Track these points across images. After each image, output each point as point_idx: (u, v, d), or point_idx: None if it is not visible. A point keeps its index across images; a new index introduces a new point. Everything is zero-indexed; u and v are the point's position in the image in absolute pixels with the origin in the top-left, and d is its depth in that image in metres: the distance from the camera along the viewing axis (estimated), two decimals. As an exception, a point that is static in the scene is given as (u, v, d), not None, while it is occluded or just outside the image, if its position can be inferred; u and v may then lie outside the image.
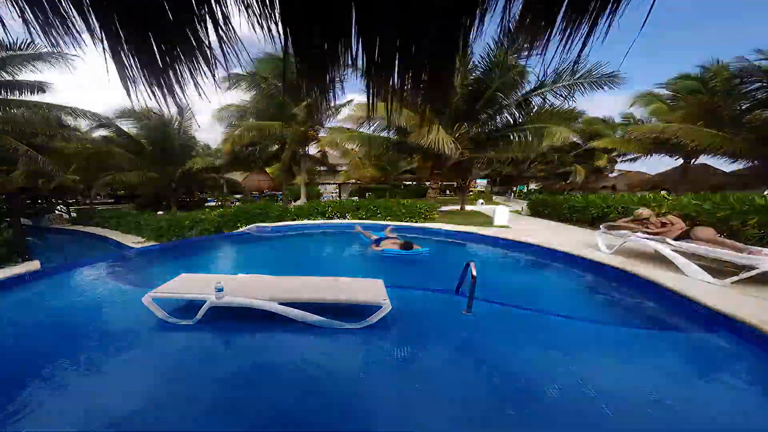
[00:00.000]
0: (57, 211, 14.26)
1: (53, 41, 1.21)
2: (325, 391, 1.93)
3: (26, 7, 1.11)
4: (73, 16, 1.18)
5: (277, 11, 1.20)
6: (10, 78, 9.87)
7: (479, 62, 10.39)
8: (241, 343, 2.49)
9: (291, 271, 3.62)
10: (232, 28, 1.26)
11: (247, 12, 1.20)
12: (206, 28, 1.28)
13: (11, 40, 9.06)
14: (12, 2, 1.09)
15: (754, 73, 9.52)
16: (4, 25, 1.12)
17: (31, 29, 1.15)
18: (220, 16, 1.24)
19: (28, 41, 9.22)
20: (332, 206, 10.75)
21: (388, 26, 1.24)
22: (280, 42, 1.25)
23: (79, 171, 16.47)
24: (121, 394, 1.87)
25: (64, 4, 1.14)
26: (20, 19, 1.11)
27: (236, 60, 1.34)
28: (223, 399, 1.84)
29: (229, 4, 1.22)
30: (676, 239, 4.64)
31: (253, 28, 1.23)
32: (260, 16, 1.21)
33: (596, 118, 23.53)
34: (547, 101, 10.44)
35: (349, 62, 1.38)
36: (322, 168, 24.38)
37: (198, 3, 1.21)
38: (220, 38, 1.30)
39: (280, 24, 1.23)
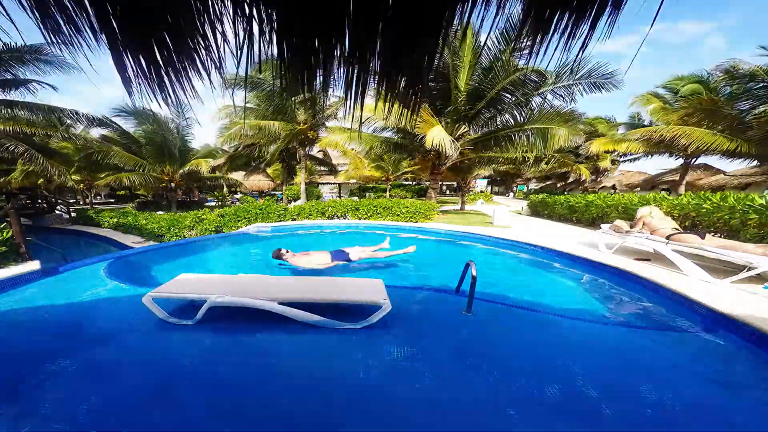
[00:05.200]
0: (57, 211, 14.24)
1: (54, 40, 1.21)
2: (325, 391, 1.93)
3: (27, 4, 1.11)
4: (75, 14, 1.18)
5: (269, 10, 1.20)
6: (11, 77, 9.89)
7: (480, 62, 10.38)
8: (241, 343, 2.49)
9: (291, 271, 3.63)
10: (232, 28, 1.26)
11: (244, 11, 1.20)
12: (206, 29, 1.28)
13: (10, 39, 9.07)
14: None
15: (756, 73, 9.52)
16: (10, 18, 1.12)
17: (36, 29, 1.15)
18: (220, 17, 1.24)
19: (28, 42, 9.25)
20: (332, 206, 10.75)
21: (379, 22, 1.24)
22: (274, 42, 1.26)
23: (80, 171, 16.50)
24: (120, 394, 1.87)
25: (65, 2, 1.14)
26: (20, 16, 1.11)
27: (235, 61, 1.34)
28: (223, 399, 1.84)
29: (227, 4, 1.22)
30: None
31: (246, 26, 1.23)
32: (255, 15, 1.22)
33: (598, 118, 23.56)
34: (548, 101, 10.44)
35: (344, 59, 1.38)
36: (322, 168, 24.43)
37: (197, 4, 1.21)
38: (218, 40, 1.30)
39: (274, 22, 1.23)
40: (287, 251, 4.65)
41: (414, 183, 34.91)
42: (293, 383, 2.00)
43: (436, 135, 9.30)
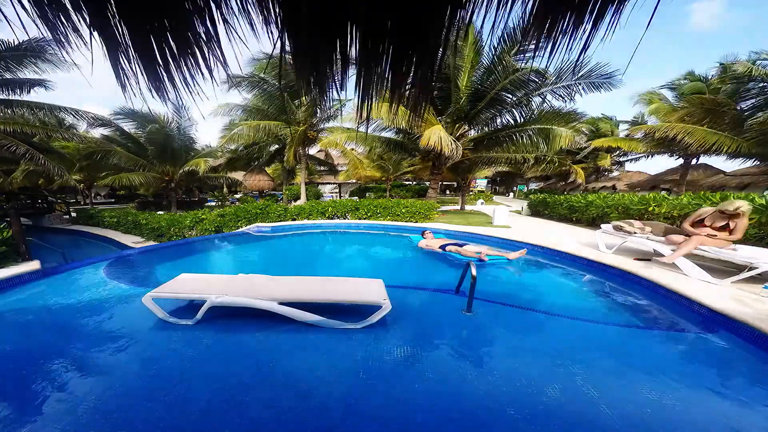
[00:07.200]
0: (57, 210, 14.25)
1: (53, 38, 1.21)
2: (325, 391, 1.93)
3: (26, 4, 1.11)
4: (74, 16, 1.17)
5: (274, 10, 1.20)
6: (12, 76, 9.89)
7: (481, 62, 10.38)
8: (241, 343, 2.49)
9: (291, 271, 3.63)
10: (232, 28, 1.26)
11: (245, 11, 1.20)
12: (206, 29, 1.28)
13: (11, 38, 9.08)
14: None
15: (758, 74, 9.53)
16: (7, 20, 1.12)
17: (34, 26, 1.15)
18: (220, 17, 1.24)
19: (26, 40, 9.24)
20: (332, 206, 10.75)
21: (384, 22, 1.23)
22: (278, 40, 1.25)
23: (80, 171, 16.51)
24: (120, 394, 1.87)
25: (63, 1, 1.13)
26: (19, 16, 1.10)
27: (236, 60, 1.34)
28: (223, 399, 1.84)
29: (228, 3, 1.22)
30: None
31: (251, 26, 1.22)
32: (258, 14, 1.21)
33: (600, 117, 23.56)
34: (547, 102, 10.43)
35: (348, 59, 1.38)
36: (322, 168, 24.43)
37: (197, 3, 1.20)
38: (219, 39, 1.30)
39: (279, 23, 1.23)
40: (429, 232, 6.81)
41: (414, 183, 34.90)
42: (293, 383, 2.00)
43: (435, 135, 9.28)
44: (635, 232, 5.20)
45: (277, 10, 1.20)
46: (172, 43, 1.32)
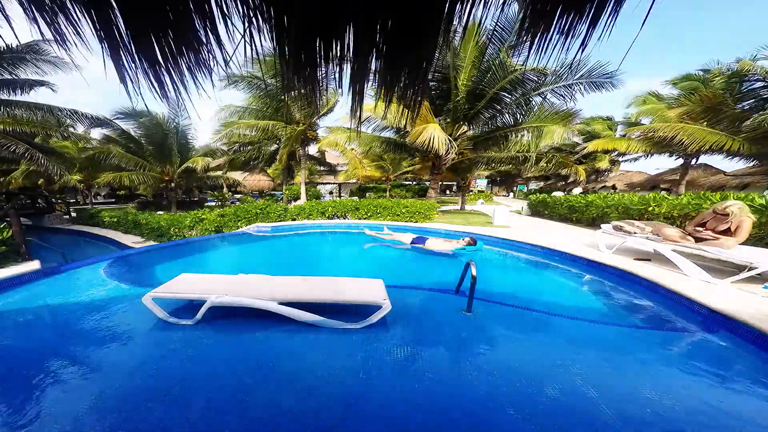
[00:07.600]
0: (57, 210, 14.25)
1: (54, 39, 1.21)
2: (325, 391, 1.93)
3: (28, 4, 1.11)
4: (76, 16, 1.18)
5: (270, 8, 1.20)
6: (11, 77, 9.89)
7: (479, 61, 10.37)
8: (241, 343, 2.49)
9: (291, 271, 3.63)
10: (230, 28, 1.26)
11: (243, 10, 1.20)
12: (205, 29, 1.28)
13: (12, 39, 9.08)
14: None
15: (756, 72, 9.53)
16: (9, 21, 1.12)
17: (35, 27, 1.15)
18: (219, 16, 1.24)
19: (28, 40, 9.24)
20: (332, 206, 10.75)
21: (378, 19, 1.23)
22: (274, 38, 1.26)
23: (80, 171, 16.51)
24: (120, 394, 1.87)
25: (67, 3, 1.14)
26: (21, 16, 1.11)
27: (234, 60, 1.34)
28: (223, 399, 1.84)
29: (227, 3, 1.22)
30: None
31: (248, 25, 1.22)
32: (254, 13, 1.22)
33: (596, 117, 23.53)
34: (547, 101, 10.42)
35: (343, 57, 1.38)
36: (322, 168, 24.42)
37: (196, 3, 1.21)
38: (218, 38, 1.30)
39: (274, 21, 1.23)
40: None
41: (414, 183, 34.89)
42: (293, 383, 2.00)
43: (428, 132, 9.27)
44: (635, 232, 5.20)
45: (273, 8, 1.20)
46: (171, 41, 1.32)
